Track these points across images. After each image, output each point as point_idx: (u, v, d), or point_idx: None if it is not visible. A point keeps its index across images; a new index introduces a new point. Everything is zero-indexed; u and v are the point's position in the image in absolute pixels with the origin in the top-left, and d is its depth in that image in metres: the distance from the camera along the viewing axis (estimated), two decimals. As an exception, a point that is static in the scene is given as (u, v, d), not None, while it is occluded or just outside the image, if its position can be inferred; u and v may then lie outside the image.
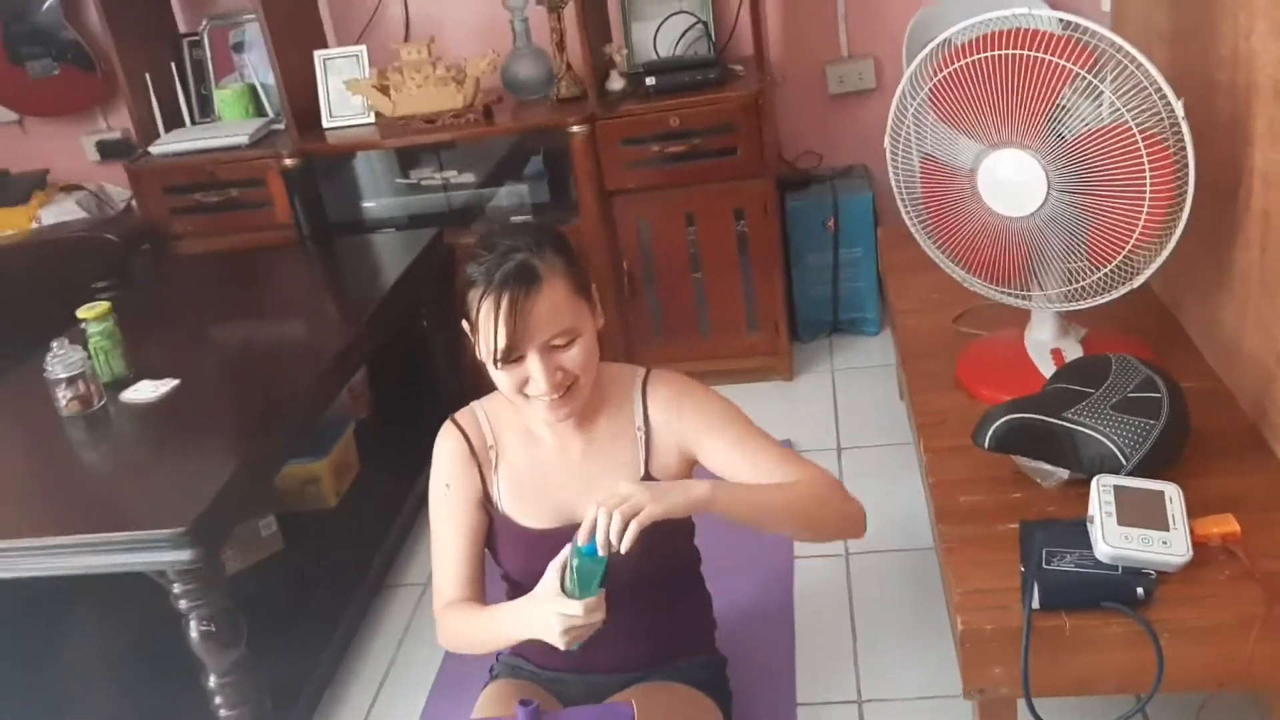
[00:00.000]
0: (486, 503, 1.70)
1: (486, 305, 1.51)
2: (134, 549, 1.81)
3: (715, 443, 1.67)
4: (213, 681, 1.94)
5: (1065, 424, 1.65)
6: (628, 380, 1.74)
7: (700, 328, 3.20)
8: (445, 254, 3.07)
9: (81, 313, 2.30)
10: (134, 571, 1.91)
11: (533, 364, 1.54)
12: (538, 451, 1.69)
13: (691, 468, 1.73)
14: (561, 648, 1.47)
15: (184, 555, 1.80)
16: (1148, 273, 1.76)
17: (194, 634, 1.89)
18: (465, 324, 1.62)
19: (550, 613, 1.46)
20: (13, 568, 1.86)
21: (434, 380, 3.11)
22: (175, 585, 1.86)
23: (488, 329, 1.53)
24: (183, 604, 1.87)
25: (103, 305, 2.31)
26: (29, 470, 2.16)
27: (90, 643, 2.37)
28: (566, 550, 1.47)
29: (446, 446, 1.71)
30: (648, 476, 1.70)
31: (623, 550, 1.41)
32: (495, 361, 1.55)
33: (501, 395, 1.70)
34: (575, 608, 1.44)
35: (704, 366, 3.15)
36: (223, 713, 1.96)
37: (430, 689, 2.22)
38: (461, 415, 1.73)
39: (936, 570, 1.71)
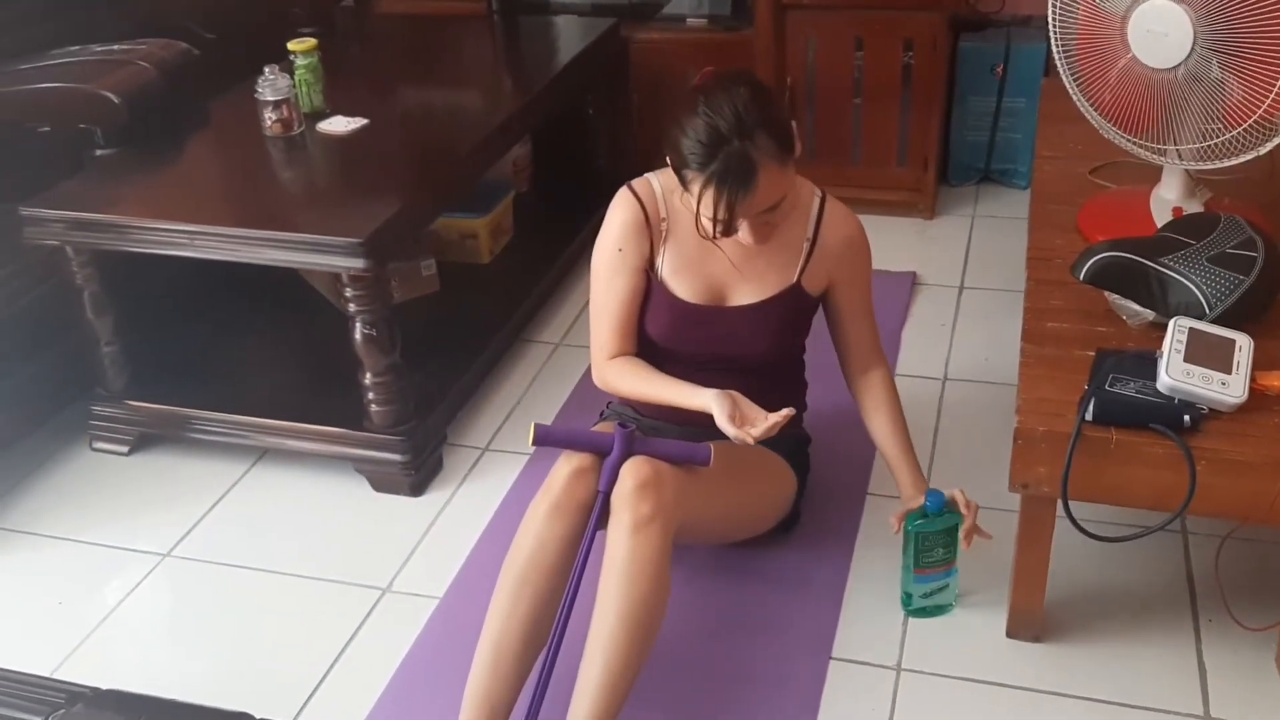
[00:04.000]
0: (649, 269, 1.91)
1: (707, 196, 1.67)
2: (318, 250, 2.11)
3: (848, 298, 1.92)
4: (368, 379, 2.26)
5: (1159, 268, 1.76)
6: (807, 193, 1.91)
7: (852, 154, 3.30)
8: (620, 45, 3.23)
9: (292, 45, 2.57)
10: (314, 272, 2.20)
11: (744, 230, 1.73)
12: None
13: (823, 293, 1.93)
14: (721, 426, 1.74)
15: (358, 263, 2.08)
16: (1277, 139, 1.81)
17: (358, 335, 2.20)
18: (669, 158, 1.74)
19: (726, 402, 1.75)
20: (217, 250, 2.18)
21: (593, 165, 3.32)
22: (348, 290, 2.15)
23: (707, 213, 1.69)
24: (351, 307, 2.17)
25: (310, 41, 2.58)
26: (236, 175, 2.49)
27: (271, 337, 2.73)
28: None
29: (623, 214, 1.88)
30: (797, 285, 1.89)
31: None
32: (714, 235, 1.72)
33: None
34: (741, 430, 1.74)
35: (849, 193, 3.18)
36: (374, 407, 2.28)
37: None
38: (639, 185, 1.89)
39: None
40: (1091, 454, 1.62)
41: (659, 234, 1.88)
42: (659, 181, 1.89)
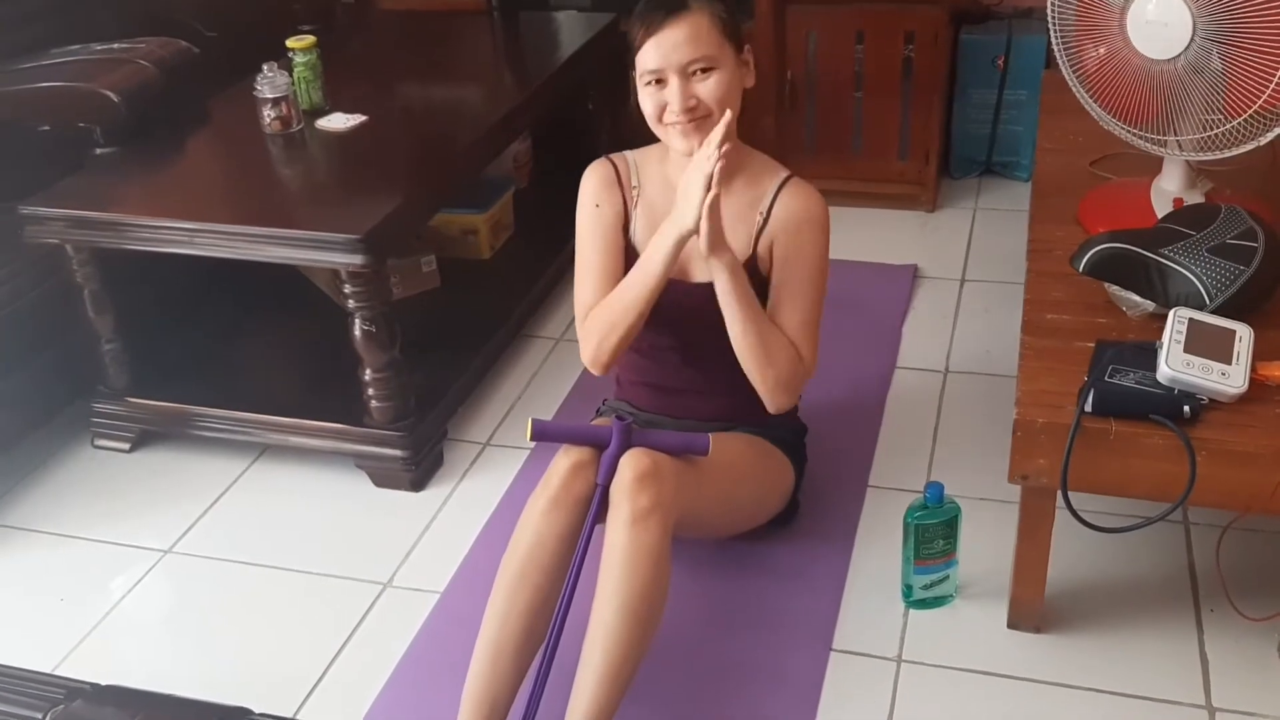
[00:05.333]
0: (625, 231, 1.92)
1: (640, 28, 1.74)
2: (316, 247, 2.11)
3: (782, 275, 1.86)
4: (368, 375, 2.26)
5: (1159, 259, 1.75)
6: (770, 171, 1.91)
7: (853, 147, 3.30)
8: (619, 40, 3.21)
9: (290, 42, 2.57)
10: (314, 269, 2.20)
11: (671, 87, 1.75)
12: (669, 200, 1.88)
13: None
14: (697, 215, 1.68)
15: (356, 259, 2.08)
16: (1278, 129, 1.80)
17: (357, 331, 2.19)
18: (633, 74, 1.81)
19: (680, 196, 1.71)
20: (217, 248, 2.18)
21: (594, 160, 3.30)
22: (347, 286, 2.15)
23: (643, 49, 1.75)
24: (351, 304, 2.17)
25: (309, 38, 2.58)
26: (235, 173, 2.49)
27: (272, 334, 2.74)
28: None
29: (597, 173, 1.94)
30: (753, 256, 1.89)
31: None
32: (645, 82, 1.76)
33: (650, 148, 1.90)
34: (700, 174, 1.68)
35: (850, 187, 3.26)
36: (373, 403, 2.28)
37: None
38: (613, 155, 1.95)
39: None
40: (1091, 445, 1.61)
41: (630, 198, 1.92)
42: (633, 155, 1.96)
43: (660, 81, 1.76)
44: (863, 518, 2.14)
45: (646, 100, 1.79)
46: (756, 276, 1.89)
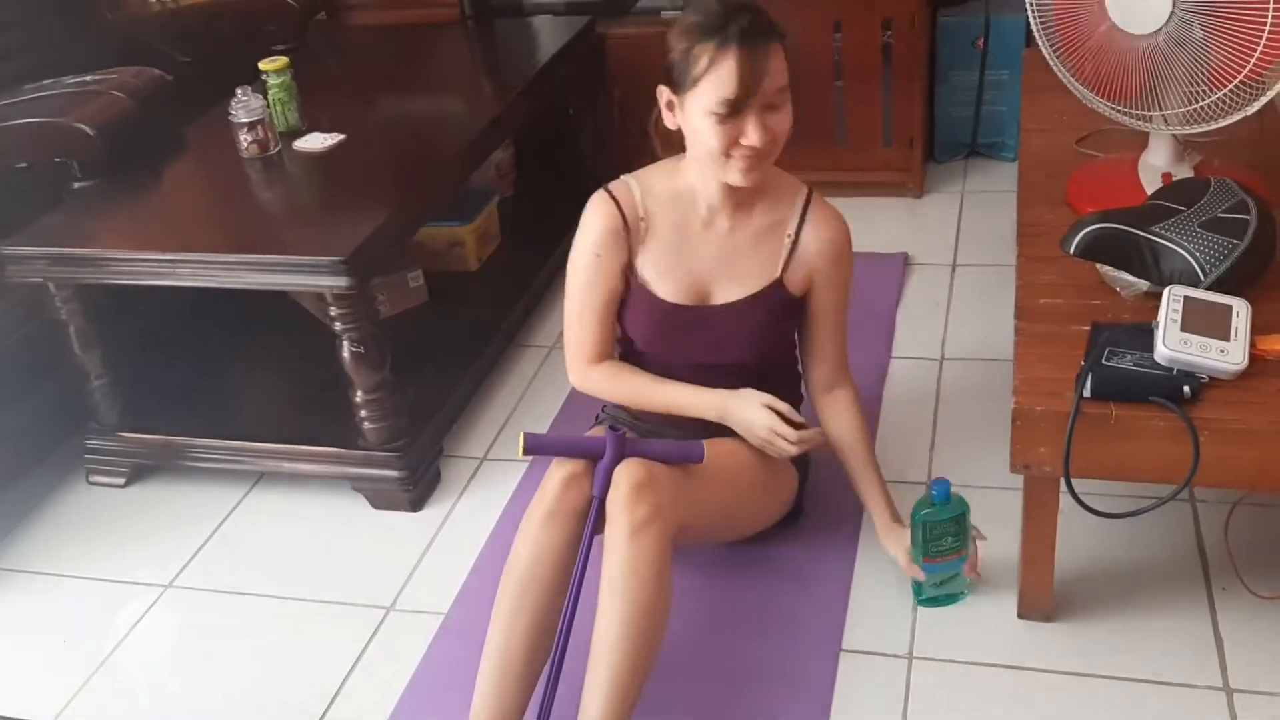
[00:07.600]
0: (629, 272, 1.87)
1: (726, 56, 1.63)
2: (300, 271, 2.09)
3: (821, 304, 1.88)
4: (359, 397, 2.23)
5: (1150, 236, 1.73)
6: (792, 188, 1.88)
7: (836, 137, 3.27)
8: (596, 43, 3.20)
9: (263, 65, 2.55)
10: (300, 292, 2.17)
11: (752, 120, 1.67)
12: (686, 223, 1.84)
13: (805, 293, 1.89)
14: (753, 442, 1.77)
15: (341, 281, 2.05)
16: (1265, 99, 1.78)
17: (346, 354, 2.17)
18: (664, 90, 1.73)
19: (759, 415, 1.78)
20: (199, 277, 2.15)
21: (577, 165, 3.29)
22: (333, 309, 2.12)
23: (723, 78, 1.63)
24: (338, 326, 2.14)
25: (282, 59, 2.55)
26: (214, 200, 2.47)
27: (261, 359, 2.72)
28: None
29: (600, 218, 1.84)
30: (779, 282, 1.86)
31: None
32: (720, 113, 1.65)
33: (655, 167, 1.85)
34: (788, 431, 1.78)
35: (835, 177, 3.22)
36: (366, 425, 2.25)
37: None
38: (615, 187, 1.86)
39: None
40: (1092, 431, 1.59)
41: (638, 235, 1.85)
42: (636, 182, 1.87)
43: (733, 113, 1.65)
44: (867, 516, 2.11)
45: (715, 132, 1.66)
46: (787, 298, 1.87)
